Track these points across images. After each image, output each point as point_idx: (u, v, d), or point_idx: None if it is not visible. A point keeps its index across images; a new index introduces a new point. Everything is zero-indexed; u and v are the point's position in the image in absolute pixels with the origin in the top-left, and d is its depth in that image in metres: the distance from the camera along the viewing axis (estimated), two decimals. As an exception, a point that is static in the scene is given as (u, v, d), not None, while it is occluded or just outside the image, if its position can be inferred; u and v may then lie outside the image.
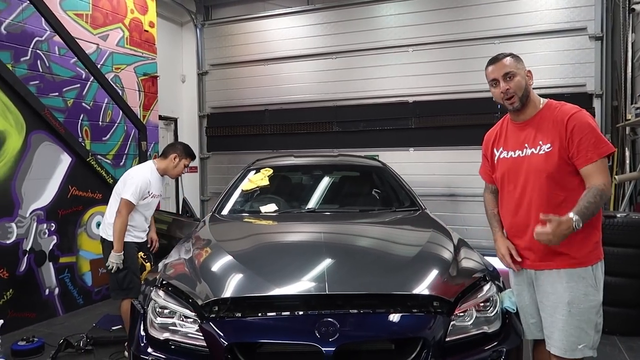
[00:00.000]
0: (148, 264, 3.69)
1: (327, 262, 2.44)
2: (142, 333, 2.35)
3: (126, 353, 3.68)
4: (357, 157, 4.93)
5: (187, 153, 3.81)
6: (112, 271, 3.53)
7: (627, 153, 5.70)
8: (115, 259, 3.49)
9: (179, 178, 7.09)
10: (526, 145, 2.25)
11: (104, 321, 4.21)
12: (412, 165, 6.65)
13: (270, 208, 3.74)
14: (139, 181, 3.56)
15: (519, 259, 2.32)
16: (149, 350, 2.26)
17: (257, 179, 4.02)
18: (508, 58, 2.26)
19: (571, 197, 2.13)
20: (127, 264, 3.57)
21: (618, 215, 4.04)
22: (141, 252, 3.74)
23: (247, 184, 4.03)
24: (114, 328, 4.04)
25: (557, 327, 2.17)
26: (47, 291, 4.69)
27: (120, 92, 5.69)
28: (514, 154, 2.30)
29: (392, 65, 6.84)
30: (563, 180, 2.16)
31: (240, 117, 7.82)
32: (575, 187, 2.15)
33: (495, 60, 2.29)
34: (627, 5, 5.57)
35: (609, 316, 3.76)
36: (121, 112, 5.69)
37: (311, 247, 2.81)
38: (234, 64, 7.83)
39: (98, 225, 5.20)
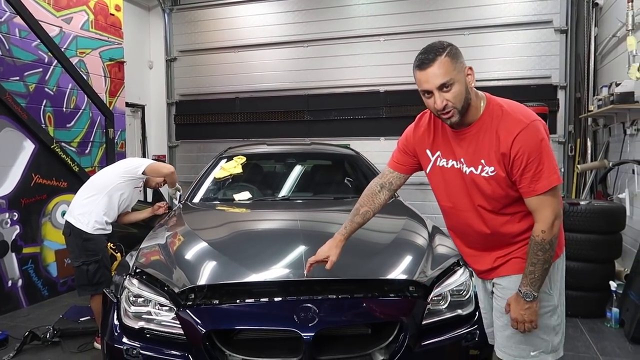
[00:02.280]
0: (119, 254, 3.61)
1: (304, 248, 2.44)
2: (116, 322, 2.30)
3: (96, 344, 3.60)
4: (331, 146, 4.94)
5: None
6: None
7: (589, 143, 5.92)
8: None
9: None
10: (463, 160, 1.86)
11: (71, 312, 4.10)
12: (383, 154, 6.63)
13: (244, 196, 3.71)
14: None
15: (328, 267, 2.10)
16: (124, 339, 2.22)
17: (230, 167, 3.98)
18: (443, 59, 1.70)
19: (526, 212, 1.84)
20: (99, 257, 3.48)
21: (581, 202, 4.19)
22: (110, 243, 3.64)
23: (219, 172, 3.98)
24: (82, 319, 3.93)
25: (506, 333, 1.94)
26: (9, 283, 4.52)
27: (85, 78, 5.50)
28: (456, 165, 1.90)
29: (363, 54, 6.86)
30: (512, 201, 1.83)
31: (210, 105, 7.70)
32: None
33: (426, 63, 1.73)
34: (591, -1, 5.76)
35: (572, 300, 3.94)
36: (86, 98, 5.51)
37: (288, 234, 2.81)
38: (203, 50, 7.69)
39: (63, 214, 5.01)
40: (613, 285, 3.95)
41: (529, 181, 1.73)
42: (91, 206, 3.48)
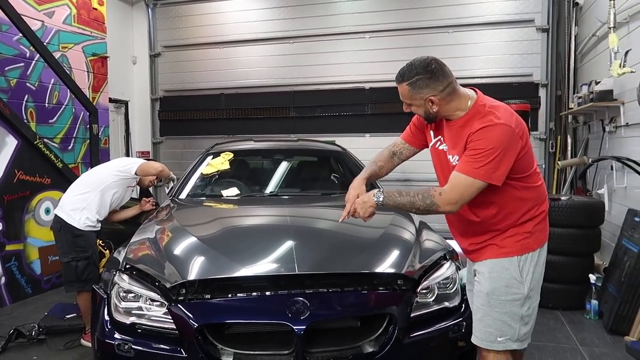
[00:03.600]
0: (107, 251, 3.59)
1: (295, 243, 2.48)
2: (107, 318, 2.31)
3: (83, 341, 3.59)
4: (317, 142, 4.97)
5: None
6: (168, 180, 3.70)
7: (569, 140, 6.05)
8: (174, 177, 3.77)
9: None
10: (449, 146, 2.08)
11: (56, 310, 4.06)
12: (368, 150, 6.69)
13: (232, 192, 3.72)
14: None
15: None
16: (115, 335, 2.22)
17: (218, 163, 3.97)
18: (404, 86, 1.99)
19: (503, 204, 1.99)
20: (89, 254, 3.46)
21: (562, 198, 4.30)
22: (100, 240, 3.63)
23: (207, 168, 3.98)
24: (67, 316, 3.90)
25: (477, 316, 2.08)
26: (-8, 281, 4.47)
27: (67, 73, 5.43)
28: (445, 149, 2.11)
29: (348, 51, 6.89)
30: (484, 194, 1.94)
31: (195, 101, 7.65)
32: (506, 191, 1.97)
33: (396, 80, 2.03)
34: (572, -1, 5.88)
35: (553, 292, 4.09)
36: (69, 94, 5.44)
37: (278, 229, 2.83)
38: (188, 46, 7.62)
39: (47, 211, 4.98)
40: (592, 278, 4.07)
41: (464, 158, 1.91)
42: (84, 203, 3.46)
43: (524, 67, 6.30)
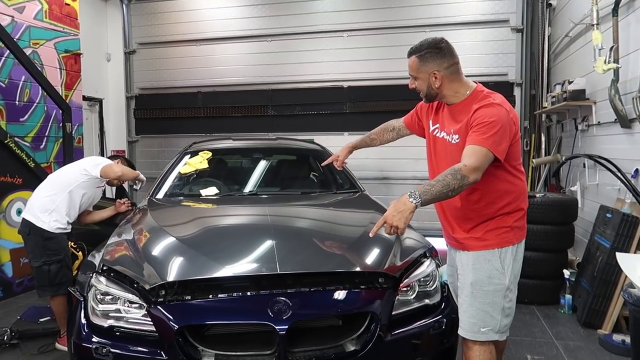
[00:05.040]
0: (80, 253, 3.50)
1: (275, 242, 2.46)
2: (84, 321, 2.26)
3: (58, 345, 3.50)
4: (296, 141, 4.95)
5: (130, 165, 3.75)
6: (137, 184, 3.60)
7: (543, 138, 6.18)
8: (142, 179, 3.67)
9: None
10: (450, 130, 2.18)
11: (29, 313, 3.95)
12: (346, 149, 6.77)
13: (211, 191, 3.68)
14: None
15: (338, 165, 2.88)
16: (93, 338, 2.17)
17: (196, 162, 3.93)
18: (413, 58, 2.18)
19: (486, 191, 2.10)
20: (62, 257, 3.37)
21: (537, 195, 4.39)
22: (72, 242, 3.54)
23: (185, 167, 3.93)
24: (41, 320, 3.81)
25: (462, 308, 2.18)
26: (-39, 284, 4.32)
27: (39, 70, 5.28)
28: (446, 136, 2.21)
29: (327, 49, 6.89)
30: None
31: (172, 99, 7.54)
32: (490, 180, 2.08)
33: (408, 54, 2.22)
34: (545, 0, 5.98)
35: (528, 288, 4.16)
36: (41, 91, 5.30)
37: (259, 228, 2.81)
38: (164, 43, 7.51)
39: (18, 212, 4.84)
40: (566, 273, 4.16)
41: (471, 134, 2.01)
42: (52, 205, 3.36)
43: (499, 67, 6.41)
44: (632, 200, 3.69)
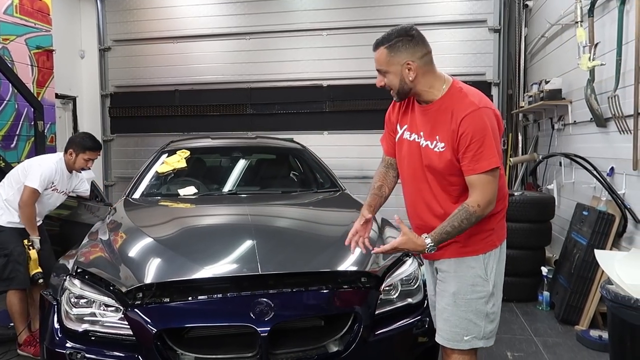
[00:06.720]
0: (32, 251, 3.35)
1: (256, 242, 2.42)
2: (57, 326, 2.18)
3: (19, 351, 3.37)
4: (276, 139, 4.91)
5: (84, 146, 3.41)
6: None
7: (520, 137, 6.26)
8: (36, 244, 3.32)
9: None
10: (422, 134, 1.99)
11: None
12: (326, 148, 6.70)
13: (189, 191, 3.61)
14: (45, 169, 3.29)
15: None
16: (67, 343, 2.10)
17: (174, 161, 3.85)
18: (382, 50, 1.92)
19: (465, 196, 1.94)
20: (9, 250, 3.27)
21: (515, 193, 4.43)
22: (25, 240, 3.41)
23: (162, 167, 3.85)
24: (12, 324, 3.67)
25: (443, 316, 2.03)
26: None
27: (9, 66, 5.11)
28: (417, 139, 2.02)
29: (306, 48, 6.85)
30: (457, 177, 1.94)
31: (148, 97, 7.39)
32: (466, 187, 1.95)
33: (374, 46, 1.96)
34: (522, 1, 6.06)
35: (507, 285, 4.08)
36: (11, 88, 5.13)
37: (239, 228, 2.76)
38: (140, 40, 7.35)
39: (-12, 213, 4.67)
40: (544, 270, 4.22)
41: (469, 160, 1.85)
42: (1, 198, 3.31)
43: (477, 67, 6.47)
44: (608, 198, 3.76)
